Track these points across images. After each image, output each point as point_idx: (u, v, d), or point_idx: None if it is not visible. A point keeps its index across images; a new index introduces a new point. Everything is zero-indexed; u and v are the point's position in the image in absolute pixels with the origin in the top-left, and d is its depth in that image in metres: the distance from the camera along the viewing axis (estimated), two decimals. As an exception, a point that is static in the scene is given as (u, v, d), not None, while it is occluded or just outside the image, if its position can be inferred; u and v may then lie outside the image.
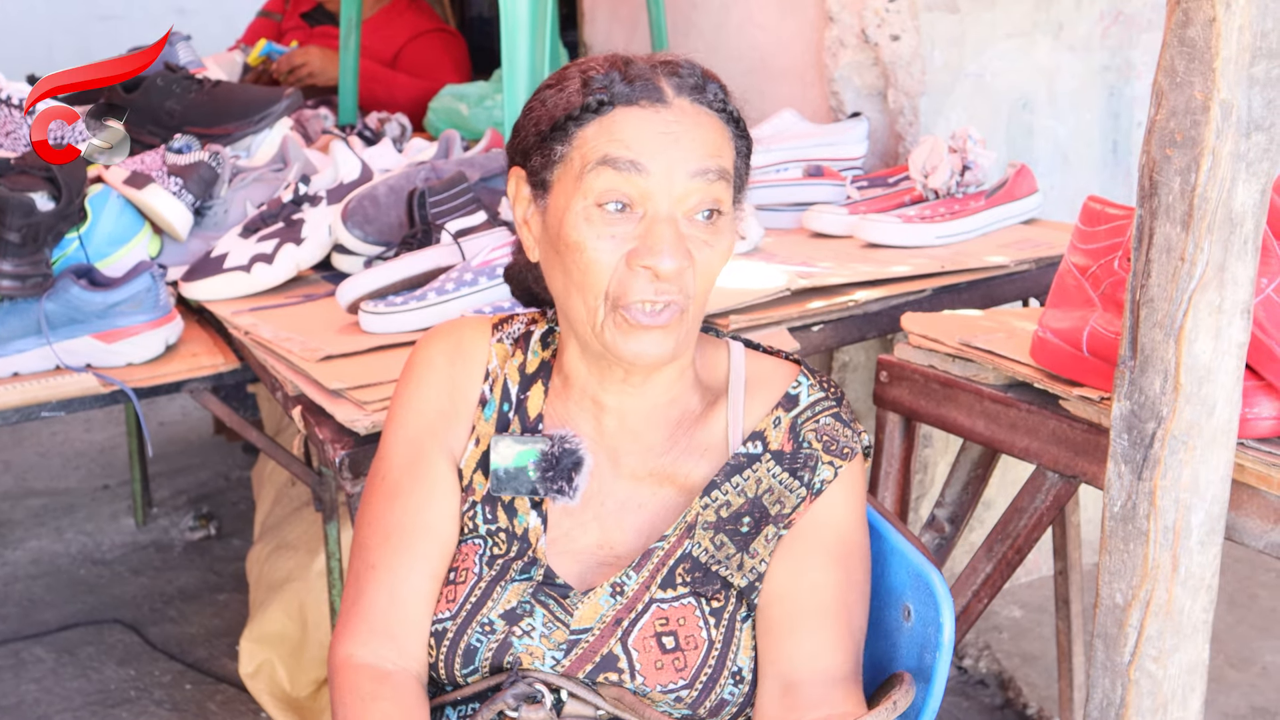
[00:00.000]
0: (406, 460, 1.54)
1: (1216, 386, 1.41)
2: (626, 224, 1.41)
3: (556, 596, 1.47)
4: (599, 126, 1.41)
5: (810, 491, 1.49)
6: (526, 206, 1.51)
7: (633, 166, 1.39)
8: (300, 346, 2.15)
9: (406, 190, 2.53)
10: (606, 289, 1.41)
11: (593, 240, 1.40)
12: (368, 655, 1.47)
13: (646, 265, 1.39)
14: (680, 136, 1.41)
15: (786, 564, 1.48)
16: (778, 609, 1.47)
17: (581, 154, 1.42)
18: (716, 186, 1.43)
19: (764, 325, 2.22)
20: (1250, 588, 3.21)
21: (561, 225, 1.43)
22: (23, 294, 2.22)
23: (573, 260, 1.42)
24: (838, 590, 1.48)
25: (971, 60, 3.01)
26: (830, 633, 1.46)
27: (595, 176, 1.40)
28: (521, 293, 1.68)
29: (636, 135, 1.40)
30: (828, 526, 1.49)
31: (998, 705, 2.92)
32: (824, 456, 1.50)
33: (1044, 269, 2.50)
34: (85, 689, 3.11)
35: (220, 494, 4.20)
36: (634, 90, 1.42)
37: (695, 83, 1.45)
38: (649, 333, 1.41)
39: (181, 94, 2.98)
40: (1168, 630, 1.47)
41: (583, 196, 1.41)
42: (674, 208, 1.41)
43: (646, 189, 1.40)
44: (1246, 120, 1.33)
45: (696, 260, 1.42)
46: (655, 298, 1.40)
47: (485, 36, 4.85)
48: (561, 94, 1.45)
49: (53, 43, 7.15)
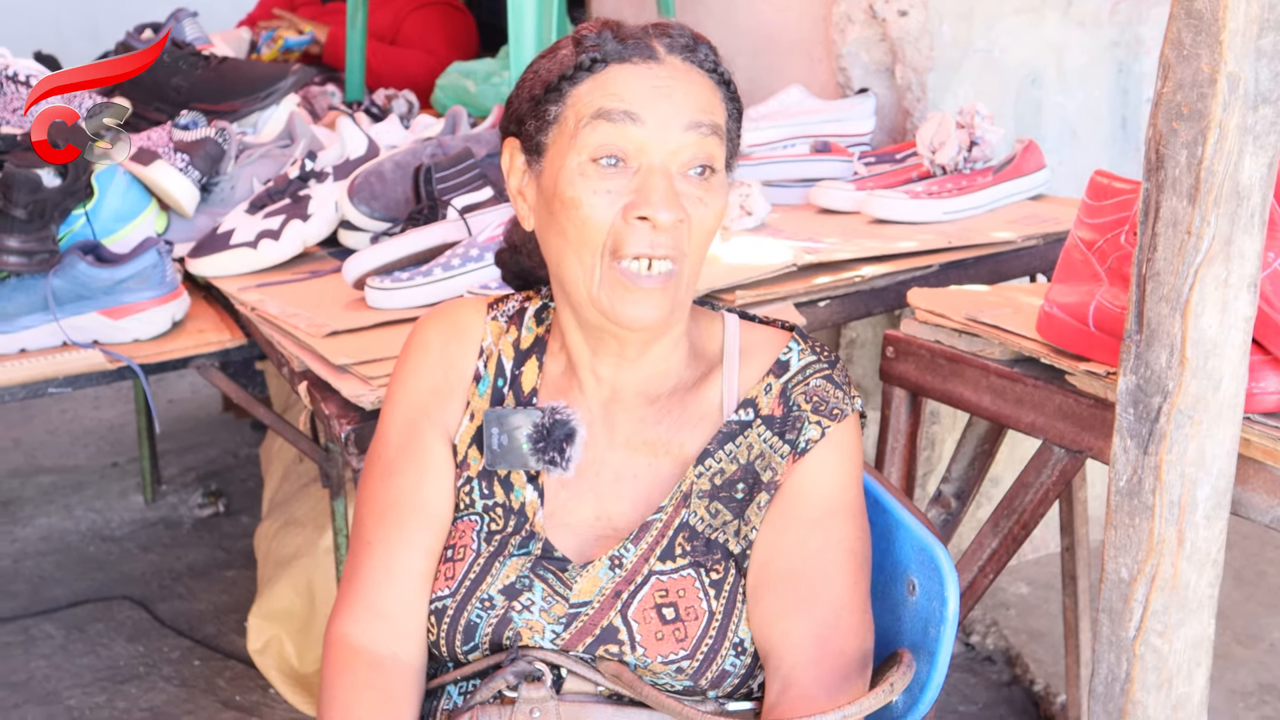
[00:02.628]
0: (402, 439, 1.54)
1: (1222, 361, 1.40)
2: (621, 178, 1.41)
3: (555, 570, 1.47)
4: (593, 83, 1.42)
5: (794, 451, 1.49)
6: (521, 177, 1.51)
7: (627, 117, 1.40)
8: (306, 322, 2.15)
9: (413, 166, 2.53)
10: (603, 244, 1.41)
11: (588, 195, 1.41)
12: (363, 637, 1.48)
13: (643, 216, 1.39)
14: (673, 91, 1.42)
15: (770, 527, 1.48)
16: (752, 574, 1.47)
17: (575, 111, 1.42)
18: (709, 142, 1.43)
19: (770, 301, 2.22)
20: (1258, 564, 3.21)
21: (556, 183, 1.43)
22: (29, 270, 2.22)
23: (568, 218, 1.42)
24: (810, 552, 1.45)
25: (980, 36, 3.00)
26: (795, 595, 1.44)
27: (590, 131, 1.41)
28: (512, 276, 1.68)
29: (630, 89, 1.41)
30: (811, 486, 1.48)
31: (1005, 682, 2.92)
32: (811, 417, 1.49)
33: (1051, 244, 2.49)
34: (95, 665, 3.12)
35: (229, 471, 4.20)
36: (626, 48, 1.43)
37: (686, 43, 1.46)
38: (646, 295, 1.41)
39: (188, 70, 2.98)
40: (1173, 605, 1.47)
41: (577, 153, 1.41)
42: (668, 160, 1.41)
43: (641, 141, 1.40)
44: (1254, 93, 1.32)
45: (690, 216, 1.42)
46: (651, 251, 1.40)
47: (493, 14, 4.84)
48: (554, 59, 1.47)
49: (60, 20, 7.14)
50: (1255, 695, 2.77)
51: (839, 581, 1.46)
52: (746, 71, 3.36)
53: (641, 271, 1.41)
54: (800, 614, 1.43)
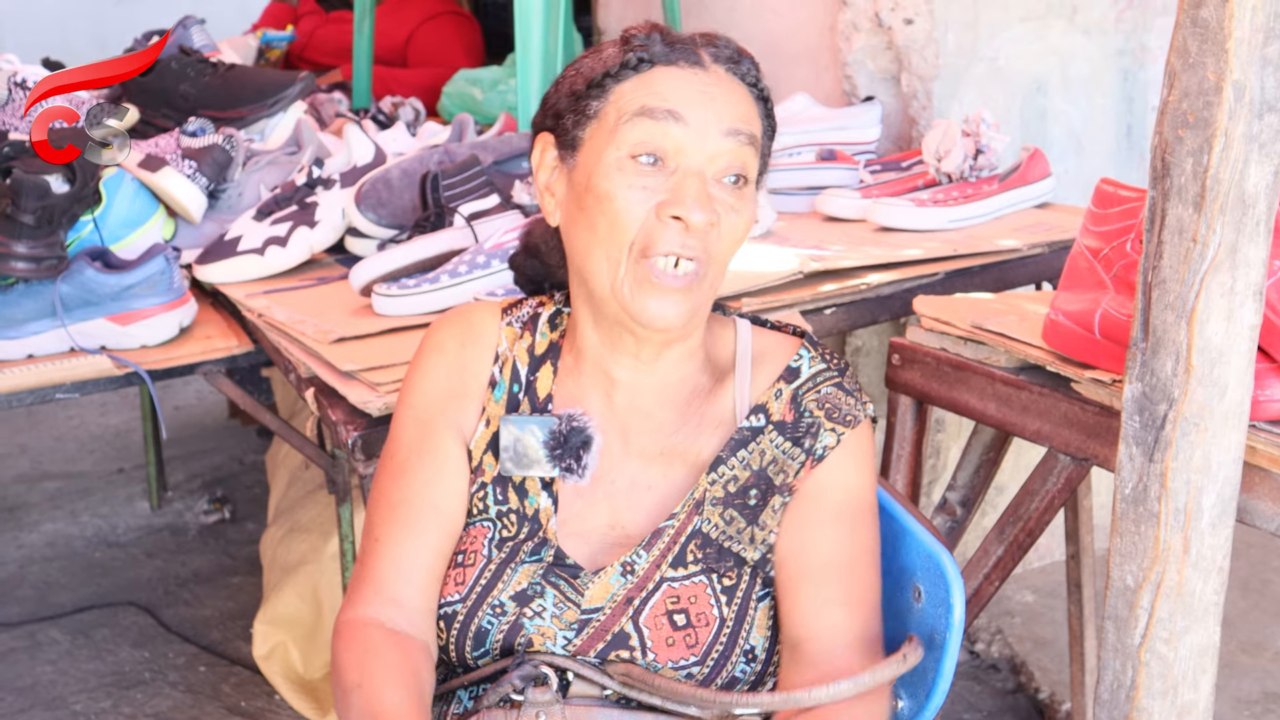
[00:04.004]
0: (415, 440, 1.55)
1: (1228, 369, 1.40)
2: (657, 176, 1.42)
3: (567, 577, 1.48)
4: (637, 82, 1.44)
5: (811, 457, 1.50)
6: (550, 172, 1.52)
7: (670, 116, 1.41)
8: (313, 329, 2.16)
9: (420, 173, 2.53)
10: (633, 240, 1.42)
11: (623, 190, 1.42)
12: (375, 615, 1.47)
13: (677, 215, 1.40)
14: (717, 97, 1.44)
15: (792, 528, 1.49)
16: (783, 573, 1.48)
17: (617, 108, 1.44)
18: (746, 151, 1.45)
19: (776, 308, 2.22)
20: (1264, 573, 3.21)
21: (591, 177, 1.44)
22: (37, 276, 2.23)
23: (600, 211, 1.43)
24: (841, 548, 1.48)
25: (985, 44, 3.00)
26: (833, 589, 1.46)
27: (631, 127, 1.42)
28: (526, 280, 1.68)
29: (675, 90, 1.43)
30: (832, 489, 1.50)
31: (1010, 689, 2.92)
32: (826, 424, 1.51)
33: (1056, 252, 2.49)
34: (100, 671, 3.12)
35: (235, 477, 4.21)
36: (674, 52, 1.45)
37: (731, 55, 1.48)
38: (669, 293, 1.42)
39: (196, 77, 2.99)
40: (1179, 612, 1.47)
41: (616, 147, 1.43)
42: (705, 164, 1.43)
43: (681, 141, 1.42)
44: (1259, 101, 1.33)
45: (721, 222, 1.43)
46: (681, 250, 1.41)
47: (499, 21, 4.85)
48: (599, 57, 1.49)
49: (67, 26, 7.16)
50: (1260, 703, 2.77)
51: (872, 580, 1.50)
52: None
53: (668, 270, 1.42)
54: (846, 608, 1.46)
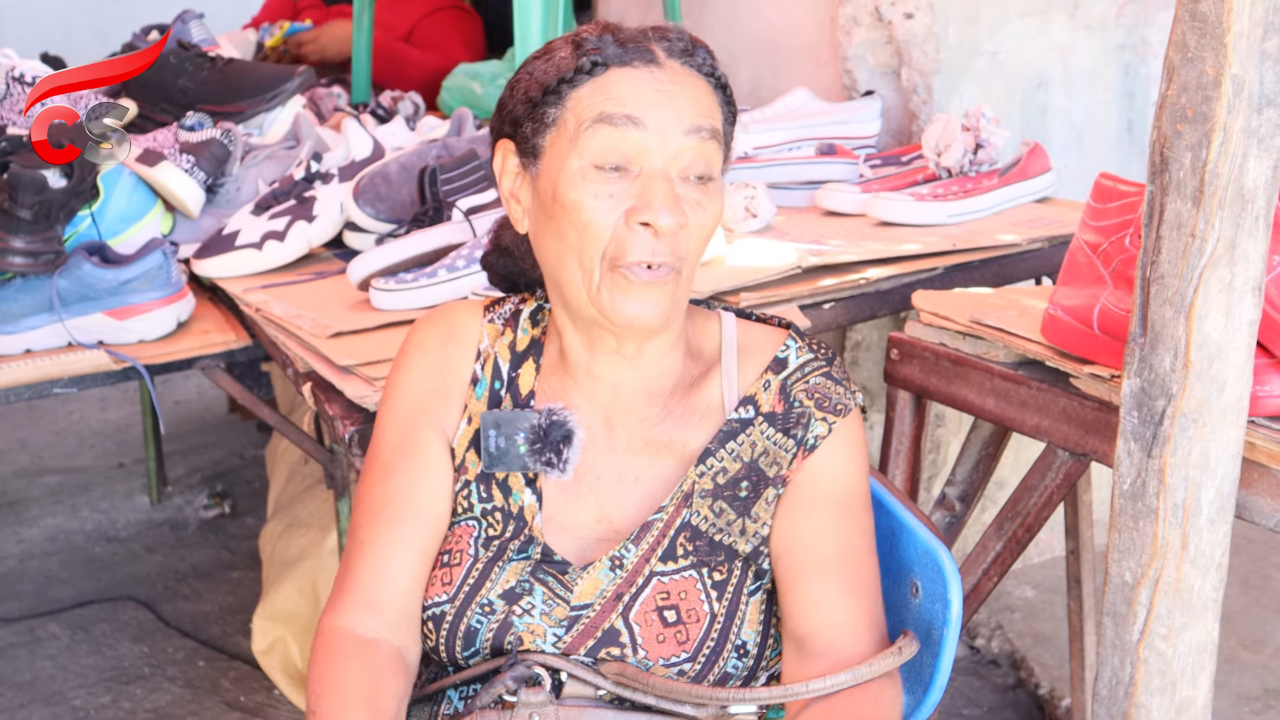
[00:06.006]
0: (398, 440, 1.54)
1: (1227, 364, 1.40)
2: (622, 182, 1.41)
3: (555, 573, 1.47)
4: (593, 87, 1.42)
5: (803, 447, 1.49)
6: (514, 179, 1.51)
7: (629, 122, 1.40)
8: (311, 323, 2.15)
9: (418, 168, 2.53)
10: (604, 250, 1.41)
11: (590, 199, 1.41)
12: (351, 625, 1.48)
13: (645, 221, 1.39)
14: (674, 95, 1.42)
15: (787, 520, 1.49)
16: (781, 565, 1.48)
17: (575, 114, 1.42)
18: (709, 146, 1.44)
19: (775, 303, 2.22)
20: (1264, 569, 3.20)
21: (556, 187, 1.43)
22: (35, 271, 2.23)
23: (569, 222, 1.42)
24: (839, 537, 1.48)
25: (986, 38, 2.99)
26: (835, 578, 1.46)
27: (592, 135, 1.41)
28: (500, 279, 1.67)
29: (632, 93, 1.41)
30: (825, 479, 1.50)
31: (1010, 685, 2.92)
32: (817, 414, 1.50)
33: (1056, 247, 2.49)
34: (100, 665, 3.12)
35: (234, 472, 4.21)
36: (627, 52, 1.43)
37: (685, 47, 1.46)
38: (645, 290, 1.42)
39: (194, 72, 2.98)
40: (1177, 608, 1.46)
41: (579, 156, 1.41)
42: (668, 164, 1.42)
43: (643, 145, 1.40)
44: (1258, 96, 1.32)
45: (690, 221, 1.42)
46: (651, 258, 1.40)
47: (500, 15, 4.84)
48: (550, 61, 1.46)
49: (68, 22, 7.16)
50: (1260, 700, 2.77)
51: (871, 566, 1.50)
52: (752, 74, 3.37)
53: (643, 270, 1.41)
54: (850, 598, 1.46)
